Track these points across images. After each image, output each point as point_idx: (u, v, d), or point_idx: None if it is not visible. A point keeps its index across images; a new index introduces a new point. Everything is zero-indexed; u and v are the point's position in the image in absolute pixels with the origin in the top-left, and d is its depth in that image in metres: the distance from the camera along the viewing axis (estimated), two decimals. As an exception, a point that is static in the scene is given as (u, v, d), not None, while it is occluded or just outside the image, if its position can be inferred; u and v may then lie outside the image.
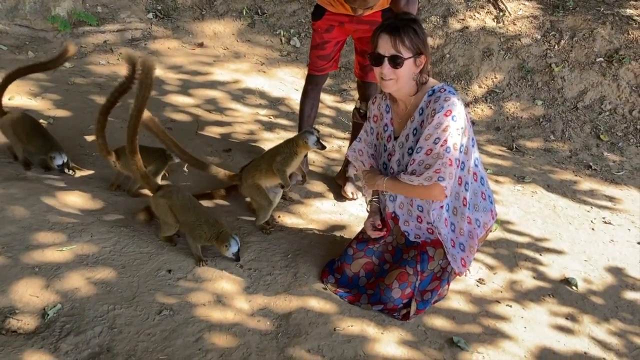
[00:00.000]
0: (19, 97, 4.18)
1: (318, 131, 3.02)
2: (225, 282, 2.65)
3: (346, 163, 3.60)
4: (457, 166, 2.44)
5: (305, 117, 3.52)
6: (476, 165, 2.55)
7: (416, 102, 2.49)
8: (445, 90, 2.42)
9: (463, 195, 2.53)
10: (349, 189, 3.53)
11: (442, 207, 2.54)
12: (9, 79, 3.37)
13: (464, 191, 2.52)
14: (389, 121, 2.63)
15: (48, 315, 2.32)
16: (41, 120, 3.88)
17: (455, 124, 2.35)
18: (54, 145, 3.30)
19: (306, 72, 3.54)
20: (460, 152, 2.41)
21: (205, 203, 3.20)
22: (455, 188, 2.52)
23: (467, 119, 2.45)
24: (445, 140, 2.35)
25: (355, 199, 3.53)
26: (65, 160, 3.25)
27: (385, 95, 2.65)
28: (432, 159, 2.39)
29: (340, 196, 3.54)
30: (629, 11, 5.41)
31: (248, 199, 3.24)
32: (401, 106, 2.56)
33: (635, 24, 5.26)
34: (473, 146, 2.51)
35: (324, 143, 3.00)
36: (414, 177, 2.44)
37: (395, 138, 2.60)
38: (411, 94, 2.50)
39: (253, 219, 3.12)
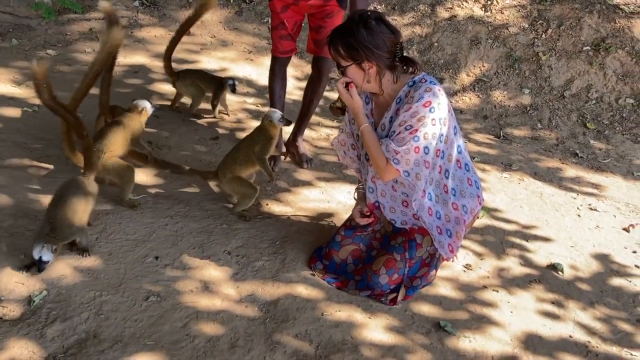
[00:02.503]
0: (2, 85, 4.12)
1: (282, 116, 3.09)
2: (213, 269, 2.65)
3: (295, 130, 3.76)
4: (439, 157, 2.45)
5: (277, 97, 3.56)
6: (459, 152, 2.55)
7: (395, 93, 2.48)
8: (426, 80, 2.41)
9: (444, 182, 2.54)
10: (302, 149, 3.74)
11: (423, 196, 2.54)
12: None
13: (444, 179, 2.53)
14: (369, 112, 2.61)
15: (34, 302, 2.31)
16: (24, 108, 3.84)
17: (432, 115, 2.34)
18: (47, 231, 2.44)
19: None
20: (440, 141, 2.41)
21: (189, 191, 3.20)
22: (435, 177, 2.53)
23: (450, 108, 2.44)
24: (416, 130, 2.35)
25: (310, 159, 3.72)
26: (44, 259, 2.39)
27: None
28: (397, 141, 2.40)
29: (328, 181, 3.54)
30: (615, 0, 5.43)
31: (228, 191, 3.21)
32: (380, 98, 2.55)
33: (622, 12, 5.28)
34: (456, 134, 2.51)
35: (288, 119, 3.09)
36: (387, 140, 2.44)
37: (376, 129, 2.59)
38: (380, 92, 2.49)
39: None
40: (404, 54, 2.44)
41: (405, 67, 2.45)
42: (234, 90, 4.04)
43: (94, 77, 2.93)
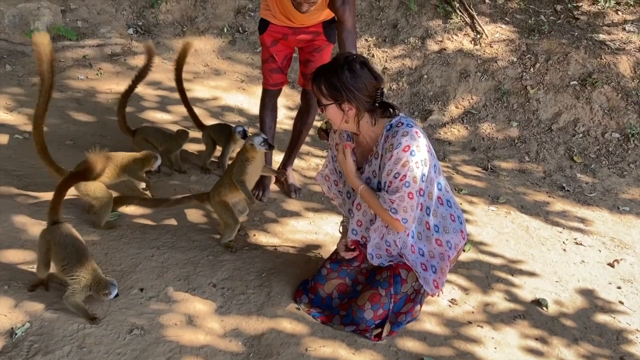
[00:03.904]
0: (-6, 111, 4.14)
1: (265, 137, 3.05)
2: (198, 302, 2.64)
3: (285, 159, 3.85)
4: (420, 195, 2.48)
5: (267, 128, 3.61)
6: (440, 190, 2.57)
7: (375, 136, 2.51)
8: (402, 124, 2.43)
9: (425, 220, 2.56)
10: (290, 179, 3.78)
11: (407, 234, 2.57)
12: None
13: (425, 216, 2.56)
14: (350, 146, 2.64)
15: (16, 334, 2.29)
16: (15, 135, 3.85)
17: (415, 158, 2.38)
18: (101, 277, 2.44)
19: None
20: (422, 181, 2.44)
21: (175, 221, 3.21)
22: (417, 214, 2.55)
23: (429, 148, 2.48)
24: (405, 175, 2.38)
25: (299, 188, 3.75)
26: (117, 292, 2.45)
27: None
28: (391, 191, 2.43)
29: (315, 211, 3.56)
30: (602, 36, 5.54)
31: (215, 216, 3.21)
32: (360, 137, 2.57)
33: (608, 49, 5.39)
34: (436, 172, 2.54)
35: (270, 143, 3.04)
36: (382, 192, 2.47)
37: (358, 168, 2.61)
38: (358, 132, 2.52)
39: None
40: (384, 100, 2.47)
41: (383, 112, 2.48)
42: (244, 137, 3.69)
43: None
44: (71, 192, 3.08)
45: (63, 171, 2.94)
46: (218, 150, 3.92)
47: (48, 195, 3.19)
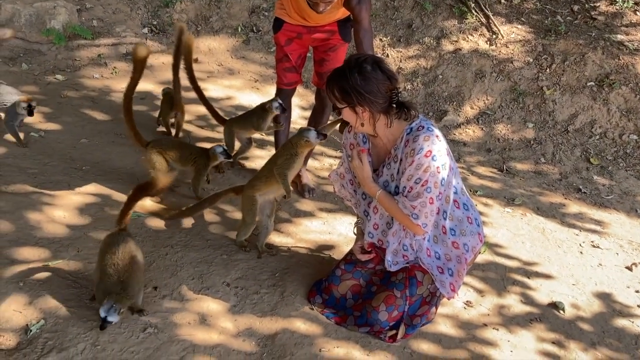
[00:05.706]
0: (10, 109, 4.16)
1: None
2: (211, 301, 2.64)
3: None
4: (439, 199, 2.44)
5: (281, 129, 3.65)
6: (455, 193, 2.54)
7: (394, 139, 2.48)
8: (423, 127, 2.40)
9: (442, 224, 2.54)
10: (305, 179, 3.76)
11: (423, 237, 2.54)
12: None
13: (442, 220, 2.53)
14: (367, 150, 2.61)
15: (31, 331, 2.30)
16: (31, 134, 3.87)
17: (436, 163, 2.35)
18: (119, 290, 2.35)
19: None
20: (442, 185, 2.41)
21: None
22: (434, 218, 2.52)
23: (449, 152, 2.44)
24: (426, 181, 2.36)
25: (313, 188, 3.73)
26: (109, 319, 2.29)
27: None
28: (412, 197, 2.41)
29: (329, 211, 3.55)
30: (619, 37, 5.47)
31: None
32: (377, 139, 2.53)
33: (626, 49, 5.32)
34: (454, 175, 2.51)
35: (323, 132, 2.86)
36: (401, 198, 2.44)
37: (374, 170, 2.59)
38: (375, 134, 2.49)
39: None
40: (400, 99, 2.42)
41: (400, 113, 2.43)
42: (283, 111, 3.54)
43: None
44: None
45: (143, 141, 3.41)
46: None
47: (62, 194, 3.22)
